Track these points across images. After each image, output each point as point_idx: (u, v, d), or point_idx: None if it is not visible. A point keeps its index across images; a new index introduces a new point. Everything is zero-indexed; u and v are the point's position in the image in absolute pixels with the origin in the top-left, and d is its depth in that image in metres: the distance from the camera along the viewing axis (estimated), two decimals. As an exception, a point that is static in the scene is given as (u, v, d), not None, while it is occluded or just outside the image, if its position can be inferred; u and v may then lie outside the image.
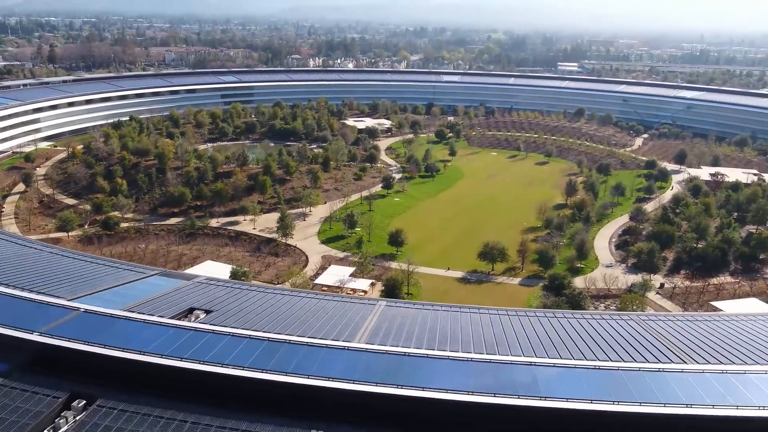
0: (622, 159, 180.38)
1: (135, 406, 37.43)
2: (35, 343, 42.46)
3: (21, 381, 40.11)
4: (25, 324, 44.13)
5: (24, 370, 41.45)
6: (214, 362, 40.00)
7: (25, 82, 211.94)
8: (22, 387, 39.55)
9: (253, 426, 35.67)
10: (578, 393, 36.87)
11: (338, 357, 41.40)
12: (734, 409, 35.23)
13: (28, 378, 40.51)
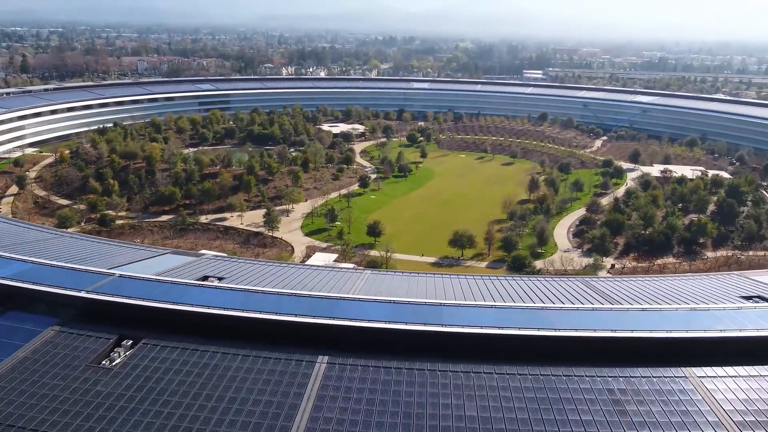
0: (582, 159, 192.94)
1: (174, 342, 46.40)
2: (83, 299, 51.05)
3: (74, 328, 48.78)
4: (71, 285, 52.73)
5: (74, 321, 49.99)
6: (234, 308, 49.22)
7: (8, 90, 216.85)
8: (77, 332, 48.23)
9: (268, 352, 45.02)
10: (496, 323, 47.61)
11: (336, 304, 50.93)
12: (629, 332, 46.05)
13: (80, 326, 49.14)
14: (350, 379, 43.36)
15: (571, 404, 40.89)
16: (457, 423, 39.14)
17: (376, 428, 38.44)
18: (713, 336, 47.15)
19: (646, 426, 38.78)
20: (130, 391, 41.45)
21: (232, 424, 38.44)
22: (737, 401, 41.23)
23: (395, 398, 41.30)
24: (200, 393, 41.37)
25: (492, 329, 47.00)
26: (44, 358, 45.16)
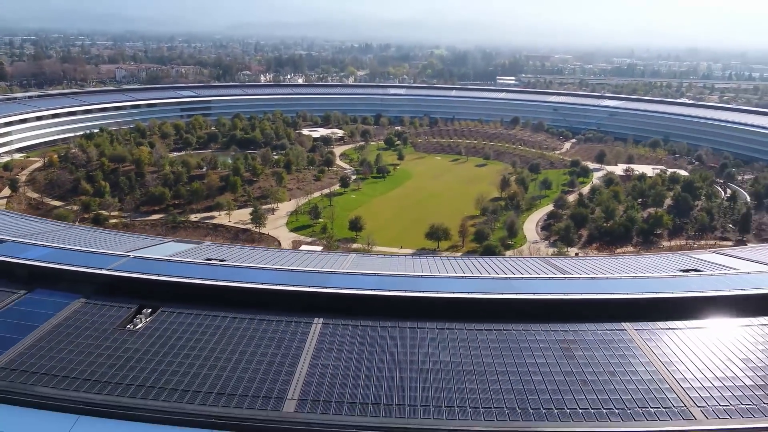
0: (551, 160, 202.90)
1: (188, 310, 53.59)
2: (105, 275, 57.97)
3: (98, 301, 55.65)
4: (92, 265, 59.58)
5: (97, 295, 56.80)
6: (239, 281, 56.58)
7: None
8: (101, 303, 55.12)
9: (271, 317, 52.45)
10: (465, 290, 55.78)
11: (328, 277, 58.60)
12: (578, 295, 54.44)
13: (103, 299, 55.99)
14: (342, 335, 51.00)
15: (527, 351, 49.04)
16: (433, 366, 47.00)
17: (366, 371, 46.13)
18: (648, 297, 55.84)
19: (590, 365, 47.08)
20: (154, 347, 48.58)
21: (245, 370, 45.83)
22: (665, 346, 49.76)
23: (381, 349, 49.05)
24: (215, 348, 48.68)
25: (462, 294, 55.11)
26: (76, 323, 52.04)
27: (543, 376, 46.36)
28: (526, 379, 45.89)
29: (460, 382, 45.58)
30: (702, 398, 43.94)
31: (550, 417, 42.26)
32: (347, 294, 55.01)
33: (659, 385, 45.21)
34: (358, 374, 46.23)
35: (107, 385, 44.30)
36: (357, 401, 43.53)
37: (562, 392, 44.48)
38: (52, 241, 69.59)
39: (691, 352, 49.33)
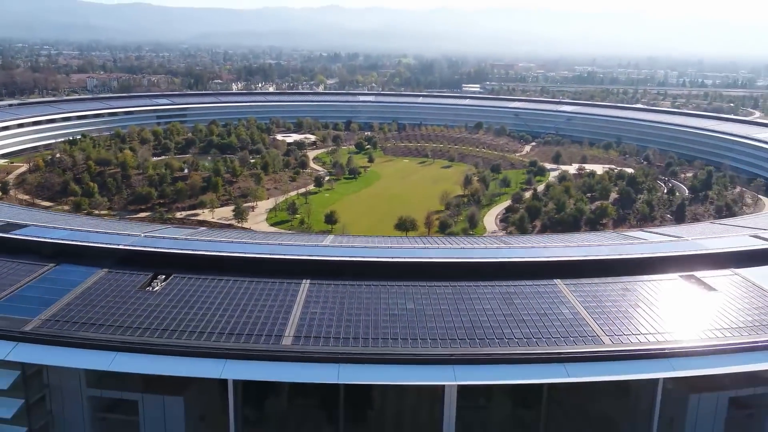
0: (511, 161, 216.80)
1: (197, 276, 64.21)
2: (123, 250, 68.28)
3: (118, 271, 65.85)
4: (110, 242, 69.82)
5: (117, 266, 66.94)
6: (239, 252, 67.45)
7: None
8: (122, 272, 65.36)
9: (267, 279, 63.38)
10: (427, 256, 67.43)
11: (313, 249, 69.83)
12: (518, 258, 66.55)
13: (123, 269, 66.21)
14: (326, 291, 62.26)
15: (476, 300, 60.99)
16: (400, 312, 58.64)
17: (346, 316, 57.58)
18: (575, 259, 68.46)
19: (525, 309, 59.27)
20: (172, 303, 59.21)
21: (249, 317, 56.83)
22: (586, 295, 62.19)
23: (358, 301, 60.48)
24: (223, 302, 59.52)
25: (423, 259, 66.79)
26: (103, 287, 62.29)
27: (488, 317, 58.34)
28: (474, 319, 57.84)
29: (422, 322, 57.34)
30: (611, 330, 56.48)
31: (492, 344, 54.30)
32: (329, 260, 66.50)
33: (579, 322, 57.59)
34: (340, 318, 57.59)
35: (137, 329, 54.94)
36: (340, 336, 54.97)
37: (503, 328, 56.56)
38: (67, 225, 79.45)
39: (605, 299, 61.87)
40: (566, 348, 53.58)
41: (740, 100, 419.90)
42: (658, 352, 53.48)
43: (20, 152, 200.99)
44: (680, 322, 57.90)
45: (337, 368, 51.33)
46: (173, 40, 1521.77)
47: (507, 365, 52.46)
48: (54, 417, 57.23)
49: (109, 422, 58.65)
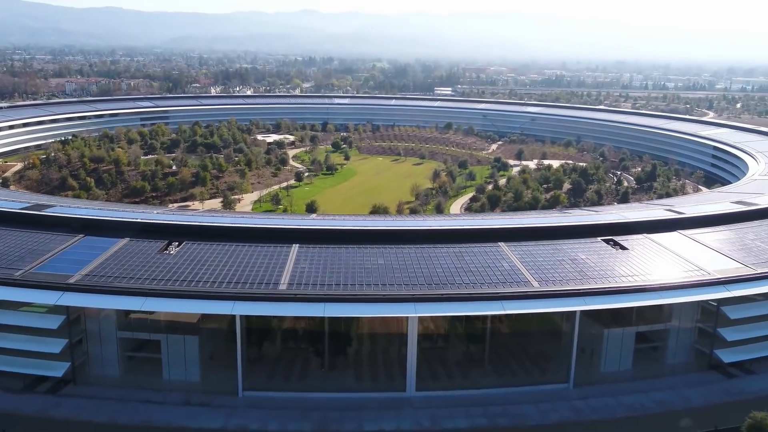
0: (478, 158, 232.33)
1: (205, 243, 77.64)
2: (142, 222, 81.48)
3: (138, 240, 78.99)
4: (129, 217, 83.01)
5: (137, 236, 79.97)
6: (237, 223, 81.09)
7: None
8: (141, 240, 78.49)
9: (263, 244, 77.11)
10: (396, 225, 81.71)
11: (301, 221, 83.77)
12: (468, 226, 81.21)
13: (142, 238, 79.32)
14: (313, 253, 76.14)
15: (435, 258, 75.42)
16: (373, 266, 72.80)
17: (329, 270, 71.54)
18: (516, 227, 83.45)
19: (473, 263, 73.87)
20: (186, 262, 72.62)
21: (251, 272, 70.41)
22: (523, 253, 76.94)
23: (339, 259, 74.53)
24: (228, 261, 73.07)
25: (393, 227, 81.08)
26: (127, 251, 75.45)
27: (443, 269, 72.87)
28: (432, 271, 72.35)
29: (390, 273, 71.65)
30: (540, 276, 71.35)
31: (445, 287, 68.75)
32: (315, 229, 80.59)
33: (515, 272, 72.40)
34: (324, 271, 71.56)
35: (160, 281, 68.32)
36: (325, 284, 69.00)
37: (454, 276, 71.16)
38: (88, 206, 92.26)
39: (538, 256, 76.77)
40: (504, 289, 68.36)
41: (696, 101, 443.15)
42: (575, 291, 68.59)
43: (12, 152, 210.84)
44: (595, 271, 73.04)
45: (323, 306, 65.56)
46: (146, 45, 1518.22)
47: (455, 302, 67.18)
48: (90, 356, 70.47)
49: (136, 360, 72.14)
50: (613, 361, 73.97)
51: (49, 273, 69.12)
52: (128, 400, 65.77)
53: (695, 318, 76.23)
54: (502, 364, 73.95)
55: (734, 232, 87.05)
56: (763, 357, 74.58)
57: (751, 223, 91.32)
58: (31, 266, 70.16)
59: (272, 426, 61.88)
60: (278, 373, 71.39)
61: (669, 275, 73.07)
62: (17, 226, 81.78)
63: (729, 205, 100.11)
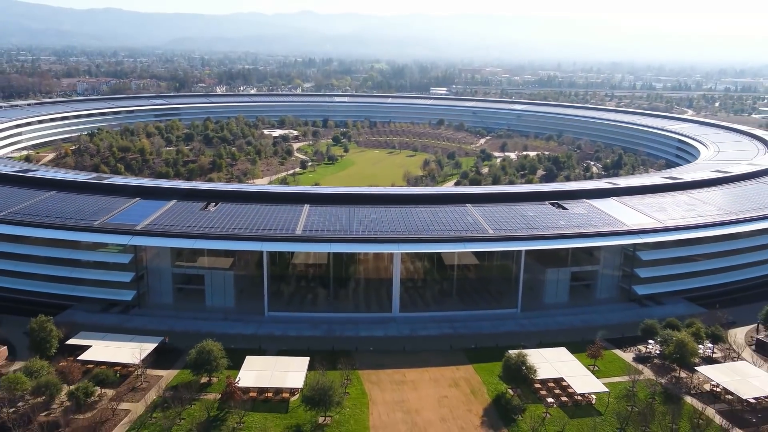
0: (466, 151, 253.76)
1: (236, 203, 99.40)
2: (185, 189, 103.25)
3: (183, 201, 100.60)
4: (175, 185, 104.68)
5: (181, 200, 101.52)
6: (260, 189, 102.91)
7: (3, 105, 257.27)
8: (185, 202, 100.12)
9: (281, 204, 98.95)
10: (388, 192, 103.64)
11: (309, 188, 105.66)
12: (445, 192, 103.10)
13: (185, 201, 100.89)
14: (320, 210, 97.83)
15: (415, 215, 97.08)
16: (367, 219, 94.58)
17: (334, 222, 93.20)
18: (480, 192, 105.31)
19: (444, 219, 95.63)
20: (223, 217, 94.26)
21: (273, 223, 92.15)
22: (485, 212, 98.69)
23: (340, 215, 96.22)
24: (255, 215, 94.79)
25: (384, 192, 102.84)
26: (175, 210, 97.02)
27: (421, 222, 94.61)
28: (413, 224, 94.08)
29: (381, 224, 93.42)
30: (495, 227, 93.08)
31: (422, 234, 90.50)
32: (322, 193, 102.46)
33: (476, 224, 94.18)
34: (330, 223, 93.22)
35: (205, 228, 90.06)
36: (331, 231, 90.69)
37: (429, 226, 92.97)
38: (134, 179, 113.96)
39: (496, 214, 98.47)
40: (466, 234, 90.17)
41: (677, 100, 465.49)
42: (520, 236, 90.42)
43: (42, 144, 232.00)
44: (539, 224, 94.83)
45: (329, 245, 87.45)
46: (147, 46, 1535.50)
47: (429, 243, 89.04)
48: (150, 287, 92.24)
49: (184, 291, 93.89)
50: (553, 295, 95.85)
51: (119, 223, 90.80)
52: (180, 317, 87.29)
53: (619, 261, 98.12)
54: (466, 295, 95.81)
55: (655, 198, 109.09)
56: (670, 291, 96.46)
57: (672, 192, 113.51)
58: (104, 218, 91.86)
59: (291, 332, 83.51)
60: (295, 301, 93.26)
61: (596, 227, 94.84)
62: (87, 192, 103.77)
63: (658, 179, 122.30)
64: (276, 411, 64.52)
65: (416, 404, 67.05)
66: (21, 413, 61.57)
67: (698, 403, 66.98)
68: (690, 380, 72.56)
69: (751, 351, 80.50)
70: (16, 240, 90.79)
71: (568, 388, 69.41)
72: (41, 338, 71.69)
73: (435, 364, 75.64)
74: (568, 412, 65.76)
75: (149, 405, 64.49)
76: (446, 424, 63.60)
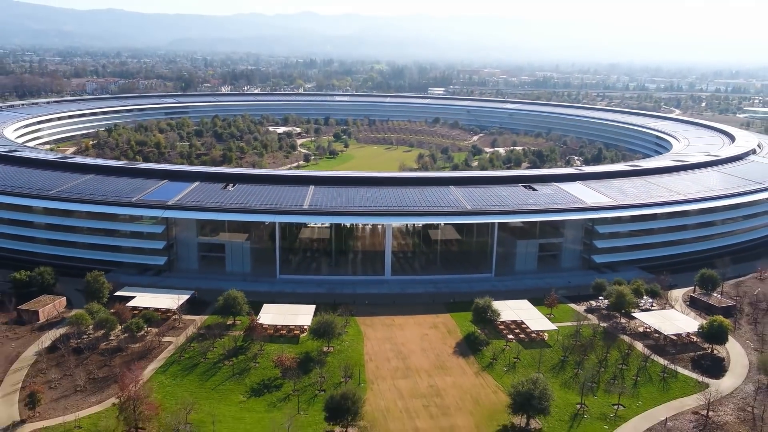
0: (459, 147, 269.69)
1: (252, 184, 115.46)
2: (206, 172, 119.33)
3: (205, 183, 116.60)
4: (197, 170, 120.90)
5: (203, 181, 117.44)
6: (271, 173, 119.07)
7: (21, 102, 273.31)
8: (208, 183, 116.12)
9: (289, 186, 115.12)
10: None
11: (314, 172, 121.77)
12: (434, 175, 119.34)
13: (207, 182, 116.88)
14: (323, 190, 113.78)
15: (404, 194, 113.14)
16: (365, 198, 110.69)
17: (336, 199, 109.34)
18: (460, 176, 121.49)
19: (432, 197, 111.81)
20: (241, 194, 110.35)
21: (284, 200, 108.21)
22: (467, 193, 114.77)
23: (340, 194, 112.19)
24: (268, 194, 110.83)
25: (377, 176, 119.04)
26: (200, 189, 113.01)
27: (409, 200, 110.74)
28: (403, 201, 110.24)
29: (375, 202, 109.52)
30: (473, 204, 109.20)
31: (410, 209, 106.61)
32: (325, 176, 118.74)
33: (456, 201, 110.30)
34: (332, 200, 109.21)
35: (226, 204, 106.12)
36: (334, 206, 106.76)
37: (417, 203, 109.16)
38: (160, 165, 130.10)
39: (474, 194, 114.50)
40: (446, 209, 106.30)
41: (666, 100, 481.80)
42: (493, 211, 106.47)
43: (62, 139, 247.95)
44: (511, 201, 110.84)
45: (331, 217, 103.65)
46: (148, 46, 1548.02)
47: (415, 216, 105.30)
48: (178, 255, 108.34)
49: (207, 258, 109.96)
50: (523, 263, 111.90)
51: (152, 199, 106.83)
52: (205, 279, 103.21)
53: (581, 235, 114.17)
54: (448, 262, 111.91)
55: (616, 182, 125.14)
56: (625, 261, 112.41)
57: (632, 177, 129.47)
58: (139, 196, 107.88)
59: (299, 290, 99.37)
60: (302, 267, 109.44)
61: (561, 205, 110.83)
62: (121, 175, 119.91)
63: (621, 167, 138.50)
64: (289, 343, 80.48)
65: (402, 339, 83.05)
66: (87, 341, 77.70)
67: (630, 340, 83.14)
68: (627, 324, 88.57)
69: (685, 306, 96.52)
70: (66, 214, 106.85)
71: (525, 328, 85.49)
72: (95, 288, 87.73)
73: (419, 313, 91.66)
74: (524, 345, 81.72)
75: (188, 338, 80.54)
76: (425, 353, 79.62)
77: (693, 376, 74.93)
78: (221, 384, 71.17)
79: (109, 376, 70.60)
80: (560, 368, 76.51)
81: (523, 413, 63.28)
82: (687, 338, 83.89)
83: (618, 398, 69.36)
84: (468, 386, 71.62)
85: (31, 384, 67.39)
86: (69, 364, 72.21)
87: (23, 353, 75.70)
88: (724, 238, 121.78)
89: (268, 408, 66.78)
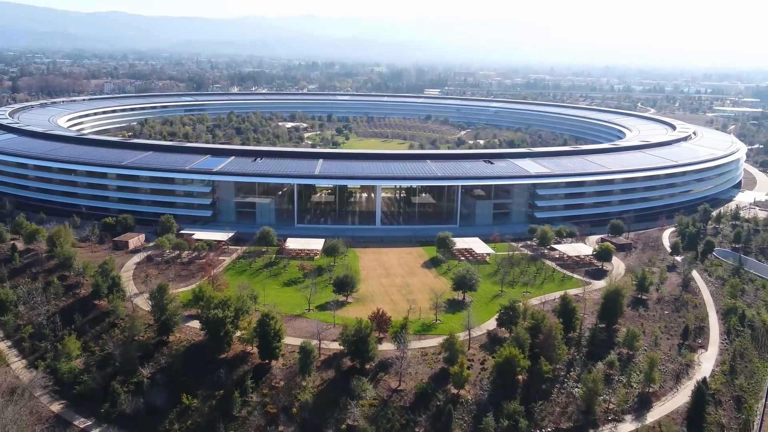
0: (446, 140, 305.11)
1: (275, 159, 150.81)
2: (241, 149, 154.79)
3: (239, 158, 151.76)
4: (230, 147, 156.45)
5: (239, 157, 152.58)
6: (290, 150, 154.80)
7: (60, 99, 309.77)
8: (241, 159, 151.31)
9: (300, 160, 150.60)
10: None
11: (322, 149, 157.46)
12: (436, 152, 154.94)
13: (241, 158, 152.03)
14: (330, 162, 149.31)
15: (392, 165, 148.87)
16: (361, 167, 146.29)
17: (343, 169, 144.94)
18: (435, 153, 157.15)
19: (412, 168, 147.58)
20: (267, 166, 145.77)
21: (300, 169, 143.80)
22: (438, 164, 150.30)
23: (346, 165, 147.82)
24: (287, 165, 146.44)
25: (370, 152, 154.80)
26: (236, 162, 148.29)
27: (396, 170, 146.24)
28: (390, 170, 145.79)
29: (369, 170, 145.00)
30: (443, 172, 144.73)
31: (396, 175, 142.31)
32: (331, 152, 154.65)
33: (431, 170, 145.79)
34: (336, 169, 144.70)
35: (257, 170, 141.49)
36: (343, 174, 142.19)
37: (400, 172, 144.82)
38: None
39: (447, 167, 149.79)
40: (423, 175, 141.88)
41: (644, 101, 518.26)
42: (458, 176, 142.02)
43: (100, 132, 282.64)
44: (472, 171, 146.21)
45: (336, 180, 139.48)
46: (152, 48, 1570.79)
47: (398, 180, 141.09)
48: (220, 210, 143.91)
49: (241, 213, 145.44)
50: (481, 219, 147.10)
51: (200, 167, 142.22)
52: (240, 226, 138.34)
53: (526, 197, 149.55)
54: (424, 217, 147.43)
55: (558, 159, 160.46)
56: (560, 217, 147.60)
57: (572, 156, 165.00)
58: (190, 165, 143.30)
59: (311, 233, 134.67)
60: (313, 220, 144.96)
61: (510, 173, 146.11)
62: (173, 152, 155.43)
63: (566, 148, 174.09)
64: (306, 260, 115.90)
65: (386, 260, 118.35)
66: (166, 258, 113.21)
67: (547, 261, 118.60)
68: (548, 253, 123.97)
69: (596, 245, 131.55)
70: (135, 179, 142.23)
71: (473, 252, 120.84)
72: (168, 226, 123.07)
73: (399, 246, 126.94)
74: (471, 263, 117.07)
75: (235, 257, 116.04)
76: (401, 266, 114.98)
77: (583, 279, 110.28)
78: (263, 281, 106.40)
79: (188, 274, 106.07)
80: (493, 275, 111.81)
81: (460, 290, 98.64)
82: (586, 258, 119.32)
83: (526, 288, 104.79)
84: (428, 282, 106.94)
85: (142, 273, 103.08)
86: (161, 267, 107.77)
87: (126, 263, 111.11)
88: (641, 203, 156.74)
89: (296, 291, 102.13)
